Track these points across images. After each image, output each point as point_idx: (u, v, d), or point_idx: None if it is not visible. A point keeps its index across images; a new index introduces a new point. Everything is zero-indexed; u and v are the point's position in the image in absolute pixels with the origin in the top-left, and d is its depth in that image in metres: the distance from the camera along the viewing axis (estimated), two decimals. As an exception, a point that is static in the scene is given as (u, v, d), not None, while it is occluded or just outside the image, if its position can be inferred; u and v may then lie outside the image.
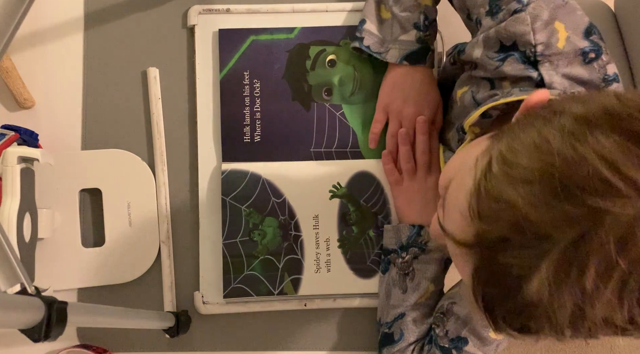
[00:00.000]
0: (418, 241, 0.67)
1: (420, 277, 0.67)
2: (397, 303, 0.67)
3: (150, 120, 0.74)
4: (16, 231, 0.61)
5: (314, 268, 0.71)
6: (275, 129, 0.72)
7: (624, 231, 0.33)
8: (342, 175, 0.72)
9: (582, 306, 0.35)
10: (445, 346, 0.63)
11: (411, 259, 0.67)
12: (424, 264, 0.67)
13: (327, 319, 0.72)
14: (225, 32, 0.73)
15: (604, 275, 0.34)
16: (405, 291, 0.67)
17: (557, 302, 0.35)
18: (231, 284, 0.70)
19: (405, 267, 0.67)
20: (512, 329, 0.39)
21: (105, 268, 0.71)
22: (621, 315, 0.35)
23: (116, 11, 0.76)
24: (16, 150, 0.63)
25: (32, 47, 0.75)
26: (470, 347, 0.62)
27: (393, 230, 0.69)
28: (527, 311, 0.37)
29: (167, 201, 0.72)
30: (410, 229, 0.68)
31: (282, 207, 0.71)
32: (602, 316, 0.35)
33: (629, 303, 0.35)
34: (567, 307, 0.35)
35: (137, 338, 0.71)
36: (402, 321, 0.66)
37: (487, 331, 0.61)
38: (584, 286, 0.34)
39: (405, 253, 0.67)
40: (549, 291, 0.35)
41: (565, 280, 0.35)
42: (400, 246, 0.68)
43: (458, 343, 0.63)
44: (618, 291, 0.34)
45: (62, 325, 0.43)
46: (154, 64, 0.75)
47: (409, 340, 0.65)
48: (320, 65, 0.73)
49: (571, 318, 0.36)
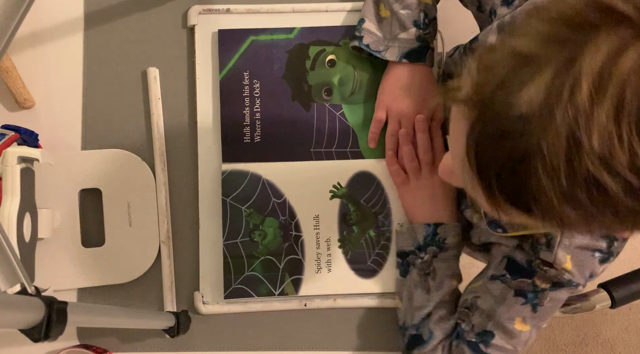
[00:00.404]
0: (436, 239, 0.67)
1: (442, 275, 0.66)
2: (421, 304, 0.67)
3: (150, 120, 0.74)
4: (16, 231, 0.61)
5: (315, 268, 0.71)
6: (275, 130, 0.72)
7: (617, 45, 0.33)
8: (342, 175, 0.72)
9: (577, 135, 0.34)
10: (472, 341, 0.63)
11: (430, 258, 0.67)
12: (444, 262, 0.67)
13: (327, 319, 0.72)
14: (225, 32, 0.73)
15: (598, 91, 0.33)
16: (429, 291, 0.66)
17: (550, 130, 0.34)
18: (232, 285, 0.70)
19: (425, 267, 0.67)
20: (504, 194, 0.38)
21: (105, 268, 0.71)
22: (622, 152, 0.33)
23: (116, 11, 0.76)
24: (16, 150, 0.63)
25: (32, 47, 0.75)
26: (497, 340, 0.62)
27: (408, 231, 0.69)
28: (520, 163, 0.36)
29: (167, 201, 0.72)
30: (426, 228, 0.68)
31: (282, 208, 0.71)
32: (600, 152, 0.33)
33: (627, 133, 0.33)
34: (561, 136, 0.34)
35: (137, 338, 0.71)
36: (429, 320, 0.66)
37: (512, 323, 0.61)
38: (577, 105, 0.33)
39: (423, 253, 0.67)
40: (541, 115, 0.34)
41: (558, 101, 0.34)
42: (417, 247, 0.68)
43: (485, 337, 0.62)
44: (614, 112, 0.33)
45: (62, 325, 0.43)
46: (154, 64, 0.75)
47: (439, 338, 0.65)
48: (320, 65, 0.73)
49: (567, 153, 0.34)
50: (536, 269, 0.59)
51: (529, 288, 0.60)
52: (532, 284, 0.60)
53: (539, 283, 0.59)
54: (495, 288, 0.63)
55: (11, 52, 0.74)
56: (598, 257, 0.57)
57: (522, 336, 0.62)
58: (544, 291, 0.59)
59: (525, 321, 0.61)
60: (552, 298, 0.60)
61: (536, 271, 0.59)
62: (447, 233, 0.67)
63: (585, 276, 0.58)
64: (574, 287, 0.58)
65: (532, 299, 0.60)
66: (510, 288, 0.61)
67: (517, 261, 0.61)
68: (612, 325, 1.44)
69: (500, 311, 0.62)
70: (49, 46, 0.76)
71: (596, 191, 0.35)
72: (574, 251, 0.56)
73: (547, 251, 0.57)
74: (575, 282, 0.58)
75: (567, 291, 0.59)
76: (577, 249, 0.56)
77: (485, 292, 0.64)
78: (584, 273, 0.57)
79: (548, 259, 0.57)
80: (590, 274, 0.58)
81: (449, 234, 0.67)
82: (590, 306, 0.69)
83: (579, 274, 0.57)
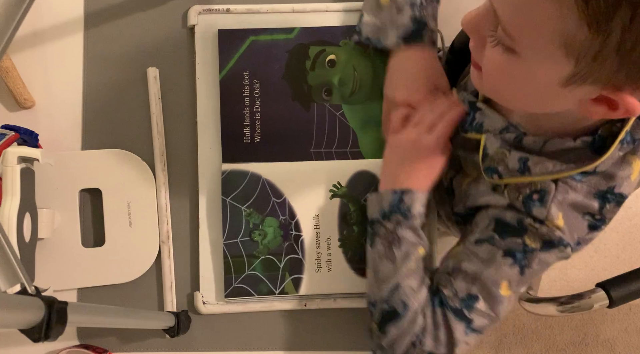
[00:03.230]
0: (400, 207, 0.63)
1: (407, 244, 0.63)
2: (388, 275, 0.63)
3: (150, 120, 0.74)
4: (16, 231, 0.61)
5: (315, 268, 0.71)
6: (275, 129, 0.72)
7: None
8: (342, 175, 0.72)
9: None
10: (457, 307, 0.61)
11: (394, 226, 0.63)
12: (409, 230, 0.63)
13: (327, 319, 0.72)
14: (225, 32, 0.73)
15: None
16: (394, 261, 0.63)
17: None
18: (232, 284, 0.70)
19: (389, 236, 0.64)
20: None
21: (105, 268, 0.71)
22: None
23: (116, 11, 0.76)
24: (16, 150, 0.63)
25: (32, 47, 0.75)
26: (481, 304, 0.60)
27: (375, 197, 0.66)
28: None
29: (167, 201, 0.72)
30: (392, 194, 0.64)
31: (282, 208, 0.71)
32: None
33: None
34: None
35: (137, 338, 0.71)
36: (400, 292, 0.62)
37: (498, 287, 0.59)
38: None
39: (387, 221, 0.64)
40: None
41: None
42: (382, 214, 0.64)
43: (469, 301, 0.60)
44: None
45: (62, 325, 0.43)
46: (154, 64, 0.75)
47: (414, 307, 0.61)
48: (320, 65, 0.73)
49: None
50: (527, 227, 0.58)
51: (519, 247, 0.58)
52: (523, 243, 0.58)
53: (529, 241, 0.58)
54: (482, 250, 0.61)
55: (11, 52, 0.74)
56: (588, 222, 0.56)
57: (505, 302, 0.60)
58: (534, 251, 0.58)
59: (510, 285, 0.59)
60: (540, 260, 0.58)
61: (527, 229, 0.58)
62: (413, 202, 0.63)
63: (574, 239, 0.57)
64: (564, 247, 0.56)
65: (520, 260, 0.58)
66: (499, 248, 0.59)
67: (506, 221, 0.59)
68: (612, 325, 1.44)
69: (487, 273, 0.60)
70: (49, 46, 0.76)
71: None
72: (566, 209, 0.56)
73: (541, 207, 0.56)
74: (566, 241, 0.56)
75: (557, 253, 0.57)
76: (569, 207, 0.55)
77: (470, 255, 0.61)
78: (573, 235, 0.56)
79: (540, 215, 0.56)
80: (578, 239, 0.57)
81: (415, 203, 0.63)
82: (588, 306, 0.69)
83: (569, 234, 0.56)
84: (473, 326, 0.60)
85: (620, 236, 1.50)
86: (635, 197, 1.47)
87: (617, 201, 0.55)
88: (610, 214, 0.56)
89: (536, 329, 1.44)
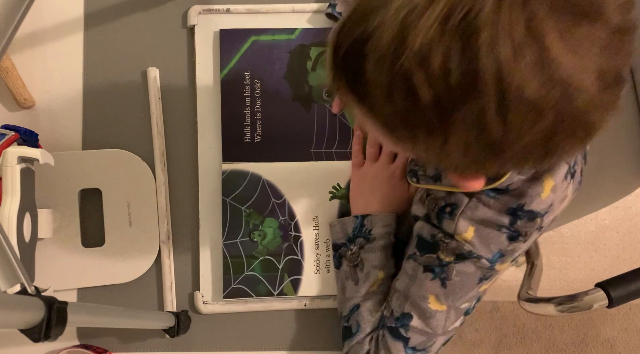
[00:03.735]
0: (362, 230, 0.67)
1: (369, 266, 0.66)
2: (351, 295, 0.66)
3: (150, 120, 0.74)
4: (16, 231, 0.61)
5: (314, 269, 0.71)
6: (275, 130, 0.72)
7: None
8: (342, 176, 0.72)
9: (406, 28, 0.36)
10: (393, 326, 0.62)
11: (358, 249, 0.67)
12: (370, 253, 0.66)
13: (327, 319, 0.72)
14: (226, 32, 0.73)
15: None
16: (357, 282, 0.66)
17: (386, 18, 0.36)
18: (231, 285, 0.70)
19: (354, 258, 0.67)
20: (345, 75, 0.41)
21: (105, 268, 0.71)
22: (437, 55, 0.35)
23: (116, 11, 0.76)
24: (16, 150, 0.63)
25: (32, 47, 0.75)
26: (415, 321, 0.61)
27: (339, 224, 0.69)
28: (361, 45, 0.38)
29: (167, 201, 0.72)
30: (354, 220, 0.68)
31: (282, 208, 0.71)
32: (419, 45, 0.35)
33: (447, 43, 0.35)
34: (393, 25, 0.36)
35: (137, 338, 0.71)
36: (358, 313, 0.65)
37: (426, 301, 0.60)
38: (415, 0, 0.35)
39: (352, 245, 0.67)
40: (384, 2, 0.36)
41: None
42: (347, 239, 0.68)
43: (404, 320, 0.61)
44: (444, 17, 0.35)
45: (62, 325, 0.43)
46: (154, 64, 0.75)
47: (366, 331, 0.64)
48: (321, 66, 0.73)
49: (394, 43, 0.36)
50: (439, 242, 0.59)
51: (435, 262, 0.59)
52: (437, 258, 0.59)
53: (443, 256, 0.59)
54: (408, 266, 0.62)
55: (11, 52, 0.74)
56: (506, 234, 0.56)
57: (439, 316, 0.60)
58: (449, 264, 0.59)
59: (439, 299, 0.60)
60: (458, 271, 0.58)
61: (439, 245, 0.59)
62: (373, 224, 0.67)
63: (492, 251, 0.57)
64: (477, 259, 0.57)
65: (439, 274, 0.59)
66: (420, 264, 0.61)
67: (423, 237, 0.61)
68: (612, 325, 1.44)
69: (413, 289, 0.61)
70: (49, 46, 0.76)
71: (410, 92, 0.37)
72: (478, 224, 0.56)
73: (450, 220, 0.57)
74: (477, 253, 0.57)
75: (473, 264, 0.58)
76: (480, 222, 0.56)
77: (402, 273, 0.63)
78: (490, 248, 0.57)
79: (449, 229, 0.57)
80: (499, 251, 0.57)
81: (376, 225, 0.66)
82: (587, 306, 0.68)
83: (482, 247, 0.57)
84: (411, 344, 0.62)
85: (620, 236, 1.50)
86: (635, 197, 1.47)
87: (528, 217, 0.55)
88: (525, 229, 0.56)
89: (536, 329, 1.44)
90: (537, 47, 0.35)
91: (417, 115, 0.38)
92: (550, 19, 0.35)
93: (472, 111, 0.37)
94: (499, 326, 1.42)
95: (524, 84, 0.35)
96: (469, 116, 0.37)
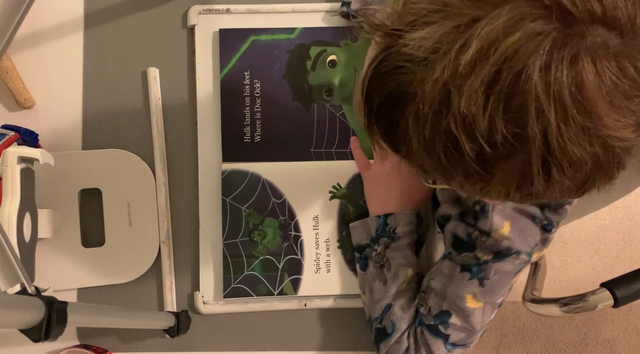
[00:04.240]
0: (386, 230, 0.67)
1: (396, 265, 0.66)
2: (380, 296, 0.66)
3: (150, 120, 0.74)
4: (16, 231, 0.61)
5: (314, 269, 0.71)
6: (275, 130, 0.72)
7: (514, 21, 0.34)
8: (342, 175, 0.72)
9: (449, 91, 0.36)
10: (431, 324, 0.62)
11: (383, 249, 0.67)
12: (396, 251, 0.66)
13: (327, 319, 0.72)
14: (226, 32, 0.73)
15: (482, 59, 0.35)
16: (386, 282, 0.66)
17: (429, 79, 0.36)
18: (231, 284, 0.70)
19: (379, 258, 0.67)
20: (381, 126, 0.41)
21: (105, 268, 0.71)
22: (482, 121, 0.36)
23: (116, 11, 0.76)
24: (16, 150, 0.63)
25: (32, 47, 0.75)
26: (454, 319, 0.61)
27: (362, 225, 0.69)
28: (399, 100, 0.38)
29: (167, 201, 0.72)
30: (376, 220, 0.68)
31: (282, 208, 0.71)
32: (464, 114, 0.36)
33: (493, 106, 0.35)
34: (436, 87, 0.36)
35: (137, 338, 0.71)
36: (391, 312, 0.65)
37: (464, 301, 0.60)
38: (459, 64, 0.35)
39: (377, 245, 0.67)
40: (426, 61, 0.36)
41: (445, 54, 0.36)
42: (371, 239, 0.68)
43: (442, 317, 0.62)
44: (488, 83, 0.35)
45: (62, 325, 0.43)
46: (154, 64, 0.75)
47: (402, 329, 0.65)
48: (320, 65, 0.73)
49: (436, 105, 0.37)
50: (476, 241, 0.59)
51: (473, 261, 0.59)
52: (475, 257, 0.59)
53: (480, 255, 0.59)
54: (445, 266, 0.62)
55: (11, 52, 0.74)
56: (539, 224, 0.56)
57: (476, 313, 0.61)
58: (487, 263, 0.59)
59: (476, 297, 0.60)
60: (496, 270, 0.59)
61: (476, 243, 0.59)
62: (396, 223, 0.67)
63: (530, 244, 0.57)
64: (516, 255, 0.57)
65: (477, 273, 0.59)
66: (457, 264, 0.61)
67: (459, 236, 0.60)
68: (612, 325, 1.44)
69: (450, 288, 0.61)
70: (49, 46, 0.76)
71: (453, 148, 0.38)
72: (514, 215, 0.56)
73: (484, 218, 0.57)
74: (515, 249, 0.57)
75: (511, 261, 0.58)
76: (515, 213, 0.56)
77: (438, 273, 0.63)
78: (528, 240, 0.57)
79: (485, 226, 0.57)
80: (535, 243, 0.57)
81: (399, 223, 0.67)
82: (592, 306, 0.68)
83: (520, 241, 0.57)
84: (451, 341, 0.62)
85: (621, 236, 1.50)
86: (635, 197, 1.47)
87: (555, 206, 0.56)
88: (555, 218, 0.57)
89: (536, 329, 1.44)
90: (584, 111, 0.35)
91: (458, 166, 0.39)
92: (597, 80, 0.35)
93: (515, 166, 0.37)
94: (499, 326, 1.42)
95: (569, 145, 0.36)
96: (512, 170, 0.38)
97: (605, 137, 0.36)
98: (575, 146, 0.36)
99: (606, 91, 0.35)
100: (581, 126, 0.35)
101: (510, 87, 0.35)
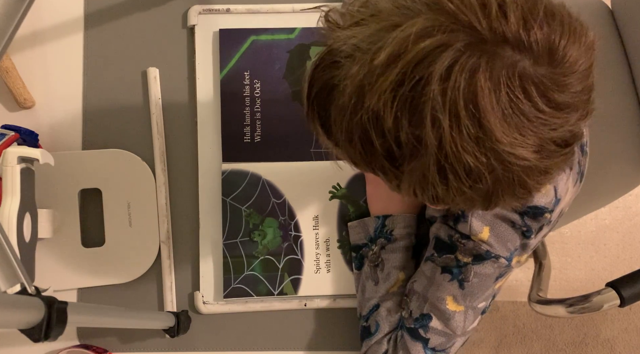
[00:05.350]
0: (384, 231, 0.67)
1: (390, 266, 0.66)
2: (370, 295, 0.67)
3: (150, 120, 0.74)
4: (16, 231, 0.61)
5: (314, 269, 0.71)
6: (275, 129, 0.72)
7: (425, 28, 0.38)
8: (342, 176, 0.72)
9: (364, 86, 0.40)
10: (412, 327, 0.62)
11: (379, 250, 0.67)
12: (391, 253, 0.67)
13: (327, 319, 0.72)
14: (226, 32, 0.73)
15: (393, 61, 0.38)
16: (377, 283, 0.66)
17: (350, 74, 0.40)
18: (231, 284, 0.70)
19: (374, 258, 0.67)
20: (317, 112, 0.45)
21: (105, 268, 0.71)
22: (389, 118, 0.39)
23: (116, 11, 0.76)
24: (16, 150, 0.63)
25: (32, 47, 0.75)
26: (435, 322, 0.61)
27: (360, 225, 0.69)
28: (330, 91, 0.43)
29: (167, 201, 0.72)
30: (375, 221, 0.68)
31: (282, 208, 0.71)
32: (374, 106, 0.39)
33: (398, 106, 0.39)
34: (354, 82, 0.40)
35: (137, 338, 0.71)
36: (377, 313, 0.66)
37: (444, 303, 0.60)
38: (374, 63, 0.39)
39: (374, 245, 0.67)
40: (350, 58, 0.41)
41: (364, 53, 0.40)
42: (369, 239, 0.68)
43: (423, 321, 0.62)
44: (396, 84, 0.38)
45: (62, 325, 0.43)
46: (154, 64, 0.75)
47: (384, 331, 0.65)
48: (320, 65, 0.73)
49: (353, 97, 0.40)
50: (456, 243, 0.59)
51: (453, 263, 0.60)
52: (455, 258, 0.59)
53: (460, 257, 0.59)
54: (427, 268, 0.63)
55: (11, 52, 0.74)
56: (519, 230, 0.57)
57: (457, 317, 0.61)
58: (467, 265, 0.59)
59: (456, 299, 0.60)
60: (476, 273, 0.59)
61: (457, 245, 0.59)
62: (394, 225, 0.67)
63: (510, 250, 0.57)
64: (495, 259, 0.57)
65: (457, 275, 0.60)
66: (438, 265, 0.61)
67: (441, 238, 0.61)
68: (612, 325, 1.43)
69: (431, 290, 0.61)
70: (49, 46, 0.76)
71: (367, 142, 0.42)
72: (493, 221, 0.56)
73: (464, 222, 0.57)
74: (495, 253, 0.57)
75: (491, 264, 0.58)
76: (495, 219, 0.56)
77: (420, 275, 0.63)
78: (507, 246, 0.57)
79: (465, 230, 0.57)
80: (515, 248, 0.57)
81: (397, 225, 0.67)
82: (598, 306, 0.67)
83: (499, 246, 0.57)
84: (431, 345, 0.62)
85: (621, 236, 1.50)
86: (635, 197, 1.47)
87: (533, 214, 0.56)
88: (534, 225, 0.57)
89: (536, 329, 1.44)
90: (476, 123, 0.38)
91: (375, 161, 0.43)
92: (493, 96, 0.37)
93: (418, 167, 0.41)
94: (499, 326, 1.42)
95: (462, 154, 0.39)
96: (416, 170, 0.41)
97: (501, 152, 0.39)
98: (469, 155, 0.39)
99: (502, 107, 0.38)
100: (475, 137, 0.38)
101: (413, 91, 0.38)
